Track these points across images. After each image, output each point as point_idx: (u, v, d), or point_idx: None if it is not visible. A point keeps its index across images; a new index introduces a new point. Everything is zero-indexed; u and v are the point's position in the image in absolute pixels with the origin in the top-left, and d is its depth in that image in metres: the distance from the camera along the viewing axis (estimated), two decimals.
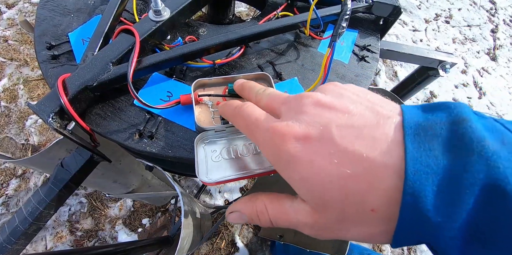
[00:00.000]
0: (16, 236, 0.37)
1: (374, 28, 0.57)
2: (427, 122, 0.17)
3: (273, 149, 0.20)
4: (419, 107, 0.18)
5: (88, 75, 0.34)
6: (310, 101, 0.20)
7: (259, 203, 0.22)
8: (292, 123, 0.19)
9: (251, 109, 0.24)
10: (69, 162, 0.40)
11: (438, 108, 0.17)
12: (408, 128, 0.17)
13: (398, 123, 0.17)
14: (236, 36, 0.42)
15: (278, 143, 0.19)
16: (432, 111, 0.17)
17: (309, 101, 0.20)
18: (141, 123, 0.37)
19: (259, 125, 0.22)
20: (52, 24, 0.45)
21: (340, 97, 0.20)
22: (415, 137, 0.16)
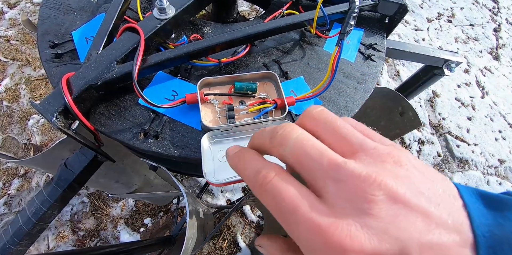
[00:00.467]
0: (20, 237, 0.36)
1: (379, 26, 0.57)
2: (501, 231, 0.14)
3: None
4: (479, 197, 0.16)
5: (92, 74, 0.34)
6: (382, 195, 0.14)
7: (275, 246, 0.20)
8: (356, 232, 0.14)
9: (281, 183, 0.16)
10: (72, 162, 0.40)
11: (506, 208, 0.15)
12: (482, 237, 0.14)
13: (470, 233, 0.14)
14: (241, 35, 0.41)
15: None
16: (500, 211, 0.15)
17: (381, 194, 0.14)
18: (146, 122, 0.37)
19: (298, 219, 0.15)
20: (55, 23, 0.45)
21: (410, 182, 0.15)
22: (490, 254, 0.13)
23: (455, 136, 1.93)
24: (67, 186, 0.39)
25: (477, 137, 1.95)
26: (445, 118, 2.00)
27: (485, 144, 1.93)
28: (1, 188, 1.37)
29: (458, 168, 1.82)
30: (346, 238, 0.14)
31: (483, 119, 2.05)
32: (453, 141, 1.90)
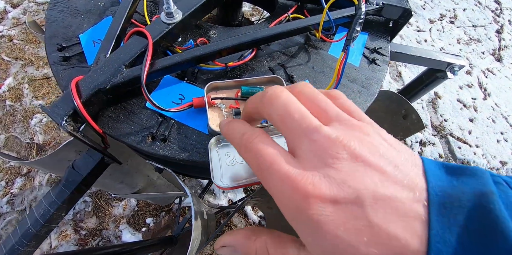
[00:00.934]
0: (28, 238, 0.37)
1: (384, 30, 0.57)
2: (453, 191, 0.15)
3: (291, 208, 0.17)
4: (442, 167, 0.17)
5: (101, 78, 0.34)
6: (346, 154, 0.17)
7: (259, 243, 0.20)
8: (319, 180, 0.16)
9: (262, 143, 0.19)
10: (80, 164, 0.40)
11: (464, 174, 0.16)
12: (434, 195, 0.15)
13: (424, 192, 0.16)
14: (248, 39, 0.41)
15: (299, 204, 0.16)
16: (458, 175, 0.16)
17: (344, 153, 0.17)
18: (153, 126, 0.37)
19: (273, 172, 0.17)
20: (62, 26, 0.45)
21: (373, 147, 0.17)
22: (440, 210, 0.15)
23: (457, 137, 1.93)
24: (75, 188, 0.39)
25: (479, 138, 1.95)
26: (447, 119, 2.00)
27: (487, 145, 1.93)
28: (4, 186, 1.38)
29: None
30: (309, 185, 0.16)
31: (485, 121, 2.05)
32: (455, 142, 1.90)
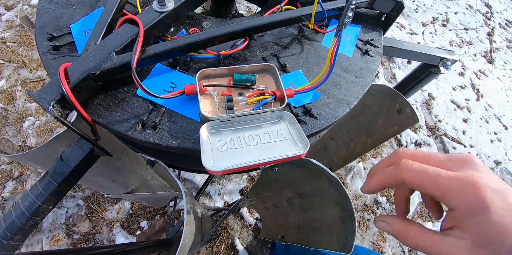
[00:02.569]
0: (13, 231, 0.35)
1: (376, 23, 0.57)
2: None
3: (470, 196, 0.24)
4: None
5: (91, 64, 0.33)
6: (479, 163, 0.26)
7: (411, 229, 0.27)
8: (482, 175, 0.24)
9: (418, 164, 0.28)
10: (69, 155, 0.39)
11: None
12: None
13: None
14: (241, 27, 0.41)
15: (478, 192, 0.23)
16: None
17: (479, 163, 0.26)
18: (144, 113, 0.37)
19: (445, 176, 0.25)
20: (53, 16, 0.45)
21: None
22: None
23: (451, 137, 1.95)
24: (63, 180, 0.38)
25: (473, 138, 1.96)
26: (441, 120, 2.02)
27: (481, 145, 1.94)
28: None
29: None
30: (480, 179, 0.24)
31: (478, 121, 2.07)
32: (449, 142, 1.91)
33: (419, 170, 0.27)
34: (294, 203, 0.80)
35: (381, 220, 0.31)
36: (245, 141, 0.34)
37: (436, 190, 0.25)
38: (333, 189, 0.52)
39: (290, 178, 0.63)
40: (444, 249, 0.25)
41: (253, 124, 0.36)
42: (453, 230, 0.25)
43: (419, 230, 0.27)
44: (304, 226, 0.80)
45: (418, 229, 0.27)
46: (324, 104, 0.43)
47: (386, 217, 0.31)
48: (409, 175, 0.27)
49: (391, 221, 0.30)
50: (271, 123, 0.36)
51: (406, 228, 0.28)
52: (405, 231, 0.28)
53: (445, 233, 0.26)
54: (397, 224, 0.29)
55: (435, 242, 0.26)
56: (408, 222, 0.29)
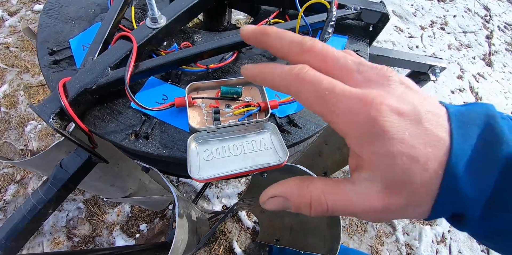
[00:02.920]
0: (15, 233, 0.38)
1: (363, 34, 0.60)
2: (467, 112, 0.19)
3: (361, 119, 0.18)
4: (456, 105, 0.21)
5: (87, 79, 0.36)
6: (396, 79, 0.20)
7: (315, 190, 0.20)
8: (385, 95, 0.18)
9: (315, 73, 0.20)
10: (67, 163, 0.42)
11: (476, 104, 0.20)
12: (453, 114, 0.19)
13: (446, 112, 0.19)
14: (228, 42, 0.44)
15: (370, 113, 0.18)
16: (471, 105, 0.20)
17: (396, 79, 0.20)
18: (137, 124, 0.39)
19: (338, 92, 0.19)
20: (54, 31, 0.48)
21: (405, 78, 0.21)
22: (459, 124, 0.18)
23: None
24: (62, 186, 0.40)
25: None
26: None
27: None
28: None
29: None
30: (378, 97, 0.18)
31: None
32: None
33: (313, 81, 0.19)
34: None
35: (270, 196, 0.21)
36: (229, 150, 0.36)
37: (320, 108, 0.19)
38: None
39: None
40: (358, 202, 0.19)
41: (238, 134, 0.38)
42: (360, 171, 0.20)
43: (323, 187, 0.20)
44: (297, 229, 0.82)
45: (322, 186, 0.20)
46: (308, 115, 0.45)
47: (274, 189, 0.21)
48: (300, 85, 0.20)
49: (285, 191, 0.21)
50: (256, 133, 0.39)
51: (307, 192, 0.20)
52: (307, 196, 0.20)
53: (354, 178, 0.20)
54: (293, 192, 0.21)
55: (347, 196, 0.19)
56: (307, 181, 0.20)
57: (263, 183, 0.66)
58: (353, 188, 0.19)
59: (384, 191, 0.18)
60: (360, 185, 0.19)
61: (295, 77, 0.20)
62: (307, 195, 0.20)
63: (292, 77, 0.20)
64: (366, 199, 0.18)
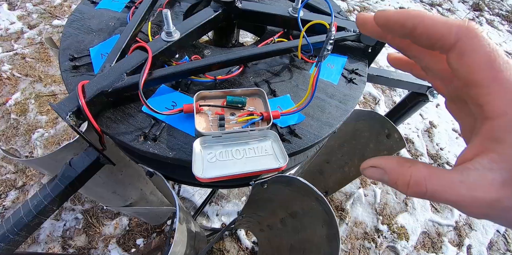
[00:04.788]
0: (19, 227, 0.39)
1: (362, 55, 0.63)
2: None
3: None
4: None
5: (105, 82, 0.39)
6: None
7: (416, 170, 0.19)
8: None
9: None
10: (76, 162, 0.44)
11: None
12: None
13: None
14: (235, 56, 0.47)
15: None
16: None
17: None
18: (146, 127, 0.42)
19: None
20: (76, 40, 0.52)
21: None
22: None
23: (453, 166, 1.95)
24: (69, 183, 0.42)
25: None
26: (443, 148, 2.03)
27: None
28: None
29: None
30: None
31: None
32: None
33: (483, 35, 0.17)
34: (287, 223, 0.82)
35: (371, 166, 0.22)
36: (232, 154, 0.38)
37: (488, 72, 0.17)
38: (321, 207, 0.55)
39: (281, 197, 0.66)
40: (464, 191, 0.17)
41: (241, 141, 0.41)
42: (476, 161, 0.18)
43: (426, 171, 0.19)
44: (296, 247, 0.81)
45: (424, 170, 0.19)
46: (308, 126, 0.47)
47: (378, 160, 0.22)
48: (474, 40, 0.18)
49: (385, 165, 0.21)
50: (258, 140, 0.41)
51: (407, 171, 0.19)
52: (407, 175, 0.19)
53: (463, 168, 0.18)
54: (393, 168, 0.20)
55: (451, 183, 0.18)
56: (409, 162, 0.20)
57: (262, 196, 0.67)
58: (460, 177, 0.18)
59: (503, 184, 0.16)
60: (471, 173, 0.17)
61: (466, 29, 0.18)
62: (406, 174, 0.20)
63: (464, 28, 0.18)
64: (474, 189, 0.17)
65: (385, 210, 1.66)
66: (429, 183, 0.18)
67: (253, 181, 0.48)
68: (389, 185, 0.21)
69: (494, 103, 0.17)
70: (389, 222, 1.61)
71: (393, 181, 0.20)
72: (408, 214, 1.66)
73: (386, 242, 1.54)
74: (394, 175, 0.20)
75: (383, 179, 0.21)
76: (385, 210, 1.66)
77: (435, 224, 1.65)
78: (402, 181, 0.20)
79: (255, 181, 0.48)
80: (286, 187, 0.58)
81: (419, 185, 0.19)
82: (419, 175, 0.19)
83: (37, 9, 2.25)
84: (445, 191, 0.18)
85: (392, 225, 1.60)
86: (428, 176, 0.19)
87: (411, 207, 1.69)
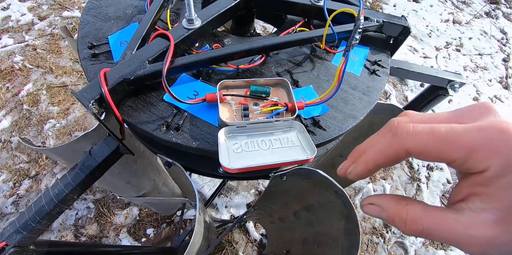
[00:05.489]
0: (41, 215, 0.39)
1: (384, 46, 0.61)
2: None
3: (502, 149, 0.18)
4: None
5: (126, 70, 0.38)
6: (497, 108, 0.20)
7: (412, 208, 0.20)
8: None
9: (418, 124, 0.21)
10: (96, 151, 0.44)
11: None
12: None
13: None
14: (258, 45, 0.46)
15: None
16: None
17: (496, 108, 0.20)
18: (168, 116, 0.41)
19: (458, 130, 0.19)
20: (94, 28, 0.51)
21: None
22: None
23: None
24: (90, 172, 0.42)
25: None
26: None
27: None
28: (11, 187, 1.41)
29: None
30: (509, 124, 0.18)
31: None
32: None
33: (426, 131, 0.19)
34: (301, 216, 0.82)
35: (370, 203, 0.23)
36: (258, 145, 0.37)
37: (454, 151, 0.18)
38: (339, 200, 0.54)
39: (297, 189, 0.65)
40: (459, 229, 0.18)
41: (265, 131, 0.40)
42: (468, 201, 0.19)
43: (422, 209, 0.20)
44: (310, 240, 0.81)
45: (420, 208, 0.20)
46: (332, 118, 0.46)
47: (376, 198, 0.23)
48: (414, 140, 0.20)
49: (383, 203, 0.22)
50: (282, 131, 0.40)
51: (404, 210, 0.20)
52: (403, 213, 0.20)
53: (457, 207, 0.19)
54: (391, 206, 0.21)
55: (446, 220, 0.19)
56: (405, 201, 0.21)
57: (279, 188, 0.66)
58: (455, 216, 0.19)
59: (496, 222, 0.17)
60: (467, 213, 0.19)
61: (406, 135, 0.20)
62: (403, 212, 0.21)
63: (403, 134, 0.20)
64: (470, 227, 0.18)
65: None
66: (425, 221, 0.19)
67: (272, 173, 0.47)
68: (387, 222, 0.22)
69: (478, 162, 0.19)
70: None
71: (391, 218, 0.21)
72: None
73: (395, 237, 1.54)
74: (392, 212, 0.21)
75: (381, 216, 0.22)
76: None
77: None
78: (399, 218, 0.21)
79: (274, 173, 0.47)
80: (303, 180, 0.57)
81: (415, 222, 0.20)
82: (416, 213, 0.20)
83: (47, 0, 2.25)
84: (440, 229, 0.19)
85: None
86: (424, 213, 0.20)
87: None
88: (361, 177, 0.23)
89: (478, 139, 0.18)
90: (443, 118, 0.21)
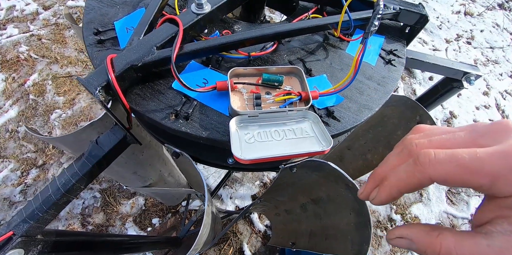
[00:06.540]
0: (48, 205, 0.38)
1: (400, 35, 0.59)
2: None
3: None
4: None
5: (134, 56, 0.37)
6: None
7: (444, 239, 0.20)
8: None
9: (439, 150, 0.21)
10: (103, 140, 0.43)
11: None
12: None
13: None
14: (271, 31, 0.44)
15: None
16: None
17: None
18: (177, 105, 0.39)
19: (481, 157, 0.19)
20: (99, 14, 0.49)
21: None
22: None
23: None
24: (96, 162, 0.41)
25: None
26: None
27: None
28: (19, 176, 1.42)
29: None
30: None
31: None
32: None
33: (448, 160, 0.19)
34: (308, 209, 0.81)
35: (398, 236, 0.22)
36: (271, 135, 0.36)
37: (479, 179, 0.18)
38: (350, 194, 0.52)
39: (306, 182, 0.64)
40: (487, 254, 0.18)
41: (278, 121, 0.38)
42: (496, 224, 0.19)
43: (453, 239, 0.19)
44: (317, 233, 0.80)
45: (452, 237, 0.19)
46: (347, 108, 0.44)
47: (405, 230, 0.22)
48: (438, 171, 0.19)
49: (414, 236, 0.21)
50: (296, 121, 0.38)
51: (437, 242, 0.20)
52: (437, 246, 0.20)
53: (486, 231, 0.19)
54: (421, 238, 0.21)
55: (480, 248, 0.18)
56: (436, 231, 0.21)
57: (288, 180, 0.65)
58: (486, 241, 0.18)
59: None
60: (495, 236, 0.18)
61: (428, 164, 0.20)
62: (436, 244, 0.20)
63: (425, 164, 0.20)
64: (503, 253, 0.18)
65: (399, 199, 1.63)
66: (459, 251, 0.19)
67: (283, 164, 0.46)
68: (418, 253, 0.21)
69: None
70: (403, 211, 1.59)
71: (422, 250, 0.21)
72: (423, 205, 1.63)
73: None
74: (423, 244, 0.21)
75: (411, 248, 0.22)
76: (399, 199, 1.63)
77: (449, 216, 1.62)
78: (432, 250, 0.20)
79: (284, 165, 0.45)
80: (313, 172, 0.55)
81: (449, 253, 0.19)
82: (448, 244, 0.19)
83: None
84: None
85: (405, 215, 1.58)
86: (457, 243, 0.19)
87: (426, 198, 1.66)
88: (384, 203, 0.23)
89: (503, 166, 0.18)
90: (463, 141, 0.21)
